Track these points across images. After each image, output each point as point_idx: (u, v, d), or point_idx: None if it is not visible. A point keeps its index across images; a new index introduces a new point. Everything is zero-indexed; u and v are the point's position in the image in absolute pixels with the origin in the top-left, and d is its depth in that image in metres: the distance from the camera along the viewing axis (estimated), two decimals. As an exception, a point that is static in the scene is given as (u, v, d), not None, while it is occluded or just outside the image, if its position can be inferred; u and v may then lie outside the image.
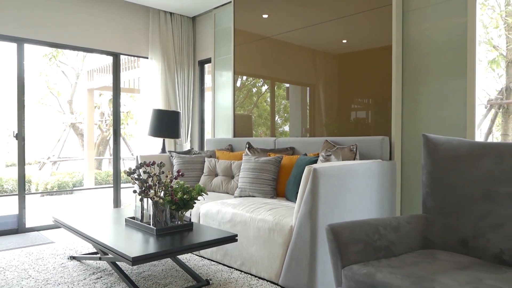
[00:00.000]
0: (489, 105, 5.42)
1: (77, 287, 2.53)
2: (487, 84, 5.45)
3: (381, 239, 1.88)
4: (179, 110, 5.07)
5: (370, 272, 1.64)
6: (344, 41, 3.44)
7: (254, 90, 4.35)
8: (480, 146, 2.11)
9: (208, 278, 2.67)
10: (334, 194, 2.47)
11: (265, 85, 4.23)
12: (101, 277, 2.71)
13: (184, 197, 2.57)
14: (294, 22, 3.87)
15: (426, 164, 2.22)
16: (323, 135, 3.61)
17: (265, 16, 4.20)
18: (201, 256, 3.18)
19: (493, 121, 5.51)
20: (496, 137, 5.72)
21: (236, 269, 2.87)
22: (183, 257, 3.17)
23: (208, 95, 5.29)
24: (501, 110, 5.38)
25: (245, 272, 2.80)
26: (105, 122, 10.97)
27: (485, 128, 5.49)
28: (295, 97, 3.95)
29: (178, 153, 4.12)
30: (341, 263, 1.76)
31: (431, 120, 3.02)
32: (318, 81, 3.68)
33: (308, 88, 3.81)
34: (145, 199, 2.69)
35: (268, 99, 4.22)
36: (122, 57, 4.90)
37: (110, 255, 2.67)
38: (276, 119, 4.15)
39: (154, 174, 2.57)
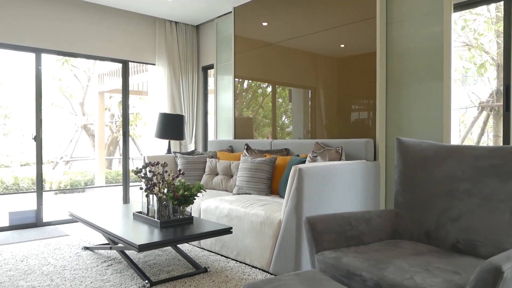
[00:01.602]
0: (480, 108, 5.66)
1: (90, 273, 2.86)
2: (479, 87, 5.69)
3: (352, 229, 2.17)
4: (183, 114, 5.39)
5: (338, 256, 1.93)
6: (342, 45, 3.70)
7: (260, 91, 4.64)
8: (446, 148, 2.38)
9: (207, 266, 2.98)
10: (318, 191, 2.76)
11: (270, 87, 4.52)
12: (112, 264, 3.04)
13: (185, 193, 2.88)
14: (291, 30, 4.16)
15: (398, 164, 2.50)
16: (323, 137, 3.86)
17: (264, 24, 4.49)
18: (201, 248, 3.49)
19: (485, 123, 5.74)
20: (489, 138, 5.95)
21: (232, 259, 3.18)
22: (185, 249, 3.48)
23: (211, 97, 5.61)
24: (492, 112, 5.61)
25: (240, 262, 3.11)
26: (115, 123, 11.35)
27: (477, 130, 5.72)
28: (296, 99, 4.23)
29: (182, 153, 4.44)
30: (315, 249, 2.05)
31: (413, 122, 3.29)
32: (318, 84, 3.96)
33: (309, 90, 4.08)
34: (150, 195, 3.01)
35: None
36: (130, 62, 5.24)
37: (119, 245, 3.00)
38: (283, 119, 4.41)
39: (158, 173, 2.89)
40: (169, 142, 5.05)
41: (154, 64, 5.32)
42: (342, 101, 3.71)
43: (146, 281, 2.62)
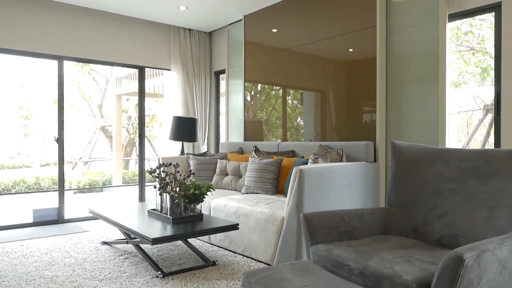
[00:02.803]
0: (485, 110, 5.76)
1: (109, 265, 3.12)
2: (484, 90, 5.79)
3: (345, 225, 2.37)
4: (196, 117, 5.65)
5: (329, 248, 2.14)
6: (351, 49, 3.89)
7: (273, 93, 4.85)
8: (436, 151, 2.56)
9: (215, 260, 3.21)
10: (318, 190, 2.96)
11: (281, 90, 4.72)
12: (128, 257, 3.30)
13: (196, 192, 3.12)
14: (300, 36, 4.38)
15: (391, 165, 2.69)
16: (333, 139, 4.02)
17: (274, 30, 4.71)
18: (211, 244, 3.73)
19: (490, 126, 5.84)
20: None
21: (240, 254, 3.40)
22: (195, 244, 3.72)
23: (223, 100, 5.86)
24: (497, 115, 5.70)
25: (246, 256, 3.33)
26: (132, 125, 11.72)
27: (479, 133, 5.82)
28: (307, 102, 4.42)
29: (194, 155, 4.69)
30: (310, 243, 2.26)
31: (412, 126, 3.46)
32: (326, 87, 4.16)
33: (319, 94, 4.28)
34: (164, 194, 3.26)
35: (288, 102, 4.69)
36: (146, 68, 5.54)
37: (135, 239, 3.26)
38: (298, 120, 4.60)
39: (171, 173, 3.13)
40: (182, 144, 5.31)
41: (169, 70, 5.59)
42: (346, 105, 3.90)
43: (159, 272, 2.87)
